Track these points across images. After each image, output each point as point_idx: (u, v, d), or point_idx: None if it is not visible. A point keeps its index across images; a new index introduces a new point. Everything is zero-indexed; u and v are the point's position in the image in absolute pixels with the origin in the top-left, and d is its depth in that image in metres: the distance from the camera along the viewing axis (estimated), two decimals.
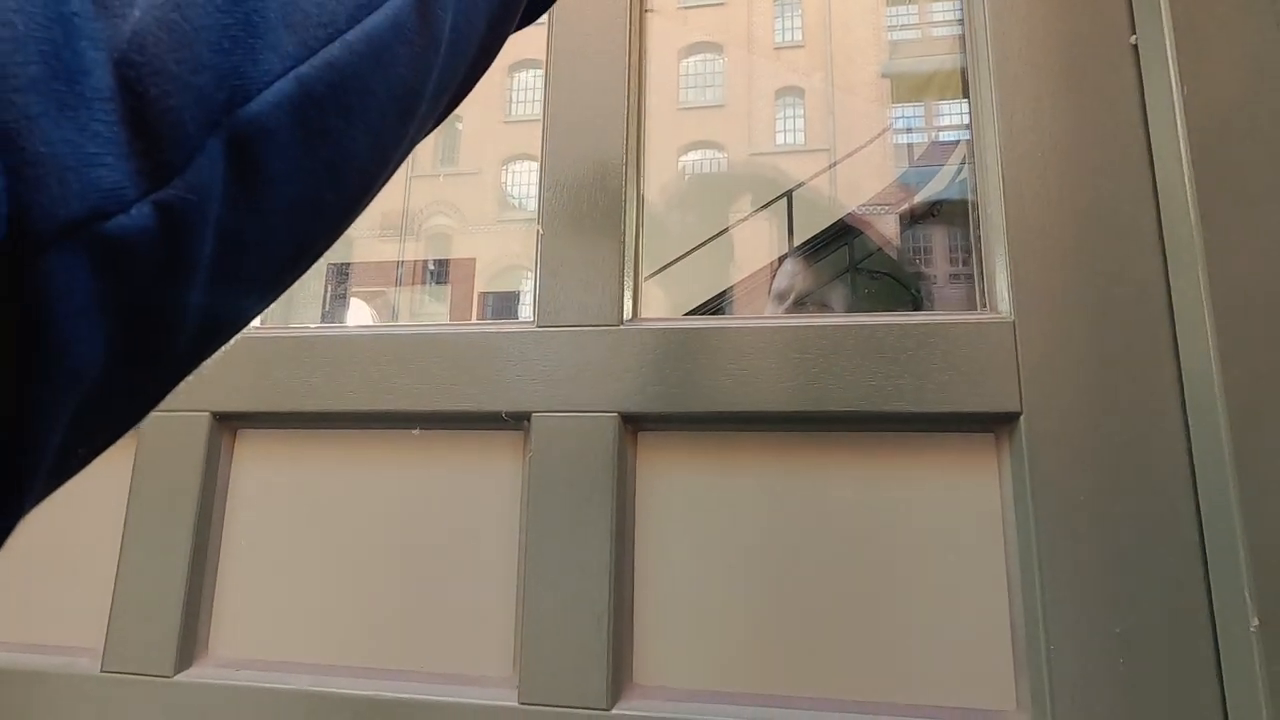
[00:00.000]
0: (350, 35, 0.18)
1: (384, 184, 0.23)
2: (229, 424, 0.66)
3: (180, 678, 0.61)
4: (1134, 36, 0.57)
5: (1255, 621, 0.46)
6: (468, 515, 0.62)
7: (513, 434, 0.62)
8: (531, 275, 0.63)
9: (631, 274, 0.63)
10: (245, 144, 0.16)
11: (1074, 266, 0.55)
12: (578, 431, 0.59)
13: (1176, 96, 0.52)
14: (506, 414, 0.60)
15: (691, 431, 0.60)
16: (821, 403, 0.56)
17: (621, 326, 0.60)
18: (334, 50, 0.18)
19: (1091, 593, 0.50)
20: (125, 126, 0.14)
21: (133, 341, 0.16)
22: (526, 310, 0.87)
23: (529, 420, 0.60)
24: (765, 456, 0.59)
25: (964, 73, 0.63)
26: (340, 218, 0.21)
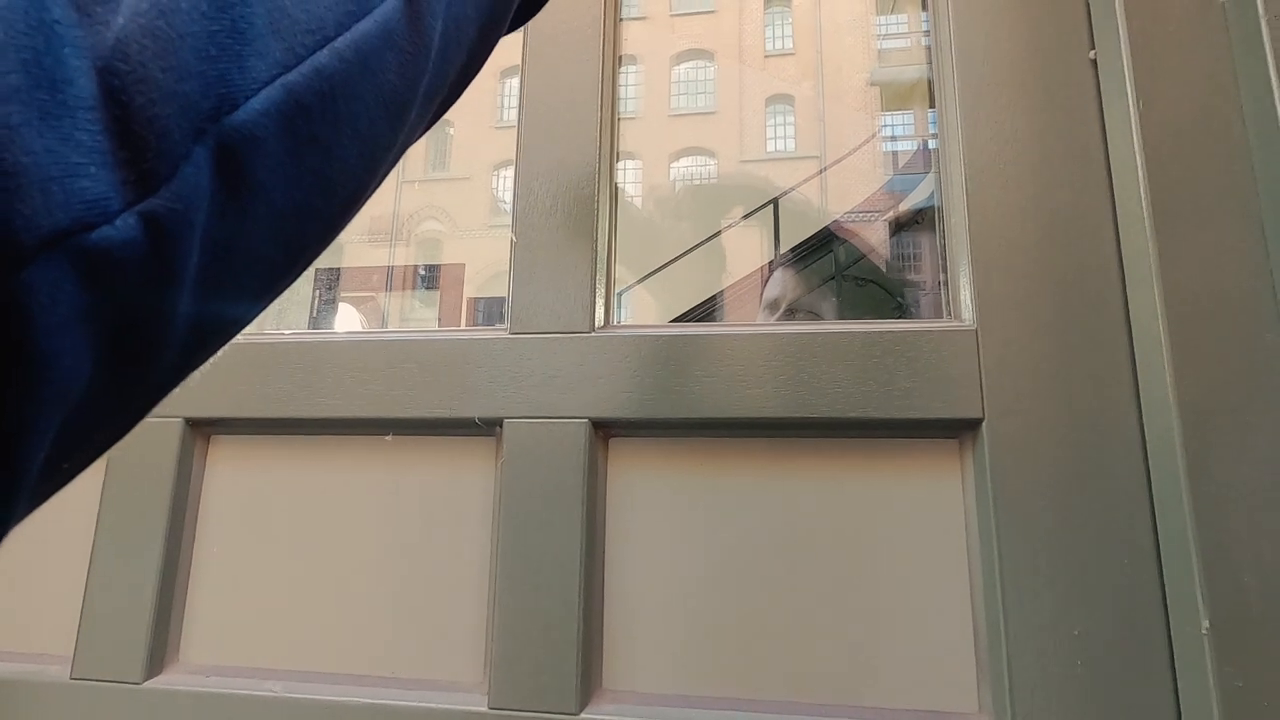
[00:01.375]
0: (339, 42, 0.18)
1: (374, 190, 0.23)
2: (202, 429, 0.66)
3: (150, 684, 0.61)
4: (1093, 52, 0.58)
5: (1206, 624, 0.47)
6: (440, 521, 0.62)
7: (485, 440, 0.62)
8: None
9: (603, 281, 0.63)
10: (233, 152, 0.16)
11: (1035, 276, 0.56)
12: (549, 437, 0.59)
13: (1133, 111, 0.54)
14: (479, 420, 0.60)
15: (662, 438, 0.60)
16: (790, 409, 0.57)
17: (593, 334, 0.61)
18: (322, 57, 0.18)
19: (1051, 596, 0.51)
20: (110, 135, 0.14)
21: (120, 354, 0.15)
22: None
23: (501, 426, 0.60)
24: (735, 462, 0.59)
25: (929, 85, 0.64)
26: (330, 225, 0.21)
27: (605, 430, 0.60)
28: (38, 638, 0.65)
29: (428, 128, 0.25)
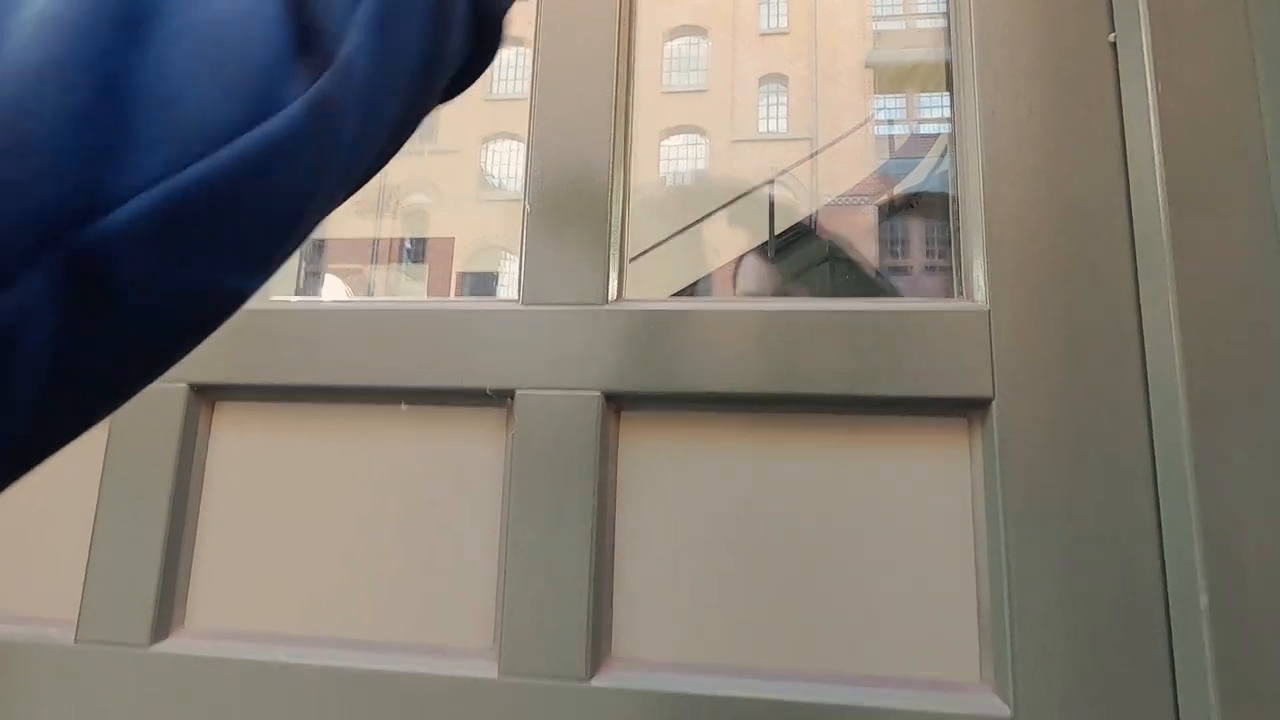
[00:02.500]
0: (228, 150, 0.17)
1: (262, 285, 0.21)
2: (206, 395, 0.66)
3: (157, 648, 0.61)
4: (1113, 35, 0.58)
5: (1205, 600, 0.48)
6: (450, 490, 0.62)
7: (496, 411, 0.62)
8: (510, 256, 0.63)
9: (617, 255, 0.63)
10: (90, 261, 0.15)
11: (1048, 259, 0.56)
12: (561, 409, 0.59)
13: (1151, 95, 0.54)
14: (491, 390, 0.60)
15: (674, 411, 0.60)
16: (802, 385, 0.58)
17: (606, 306, 0.61)
18: (206, 165, 0.17)
19: (1054, 571, 0.53)
20: None
21: None
22: (504, 291, 0.87)
23: (513, 397, 0.60)
24: (746, 437, 0.60)
25: (948, 66, 0.64)
26: (204, 330, 0.20)
27: (617, 403, 0.61)
28: (40, 601, 0.64)
29: (346, 198, 0.24)
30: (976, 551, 0.56)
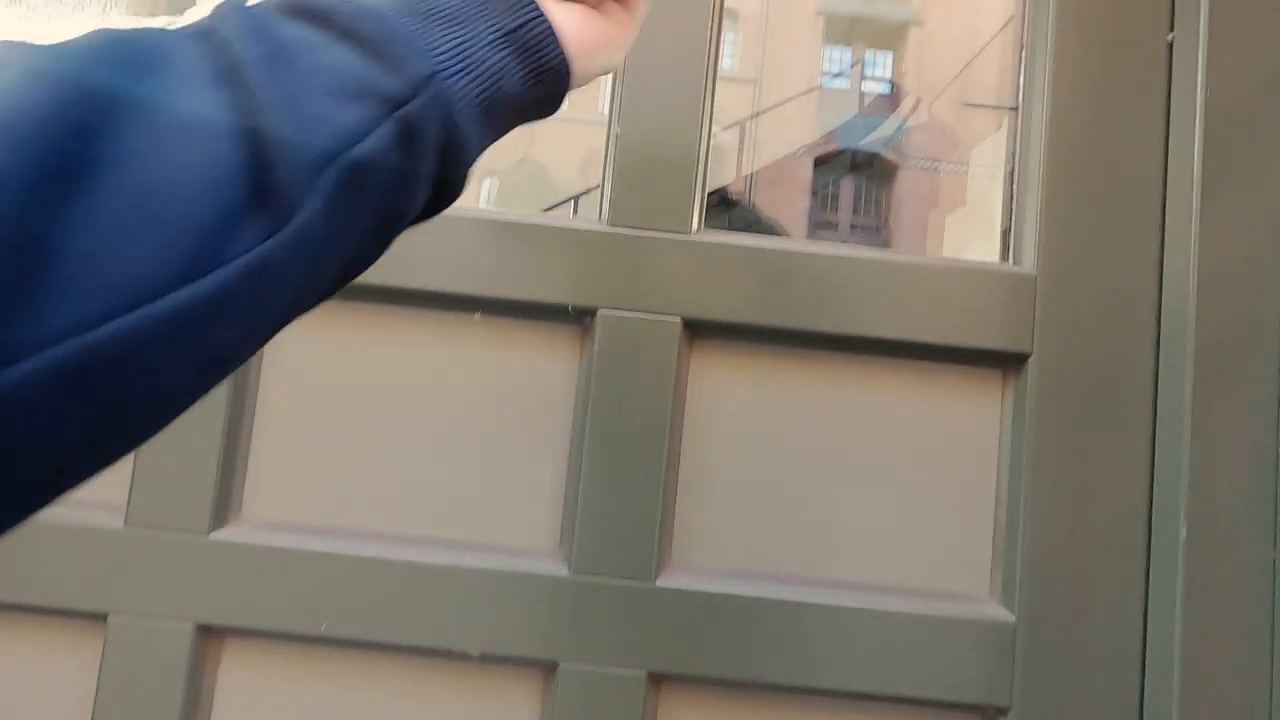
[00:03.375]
0: (156, 306, 0.17)
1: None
2: None
3: (215, 536, 0.61)
4: (1171, 35, 0.64)
5: (1184, 532, 0.58)
6: (524, 401, 0.64)
7: (573, 328, 0.64)
8: (488, 178, 0.63)
9: (701, 185, 0.65)
10: None
11: (1092, 232, 0.63)
12: (641, 331, 0.62)
13: (1200, 91, 0.61)
14: (573, 308, 0.62)
15: (744, 342, 0.64)
16: (859, 328, 0.63)
17: (690, 235, 0.63)
18: (130, 320, 0.16)
19: (1062, 505, 0.61)
20: None
21: None
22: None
23: (594, 316, 0.62)
24: (806, 371, 0.65)
25: (1021, 37, 0.69)
26: (104, 465, 0.20)
27: (693, 331, 0.64)
28: None
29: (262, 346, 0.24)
30: (998, 486, 0.64)
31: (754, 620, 0.60)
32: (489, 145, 0.28)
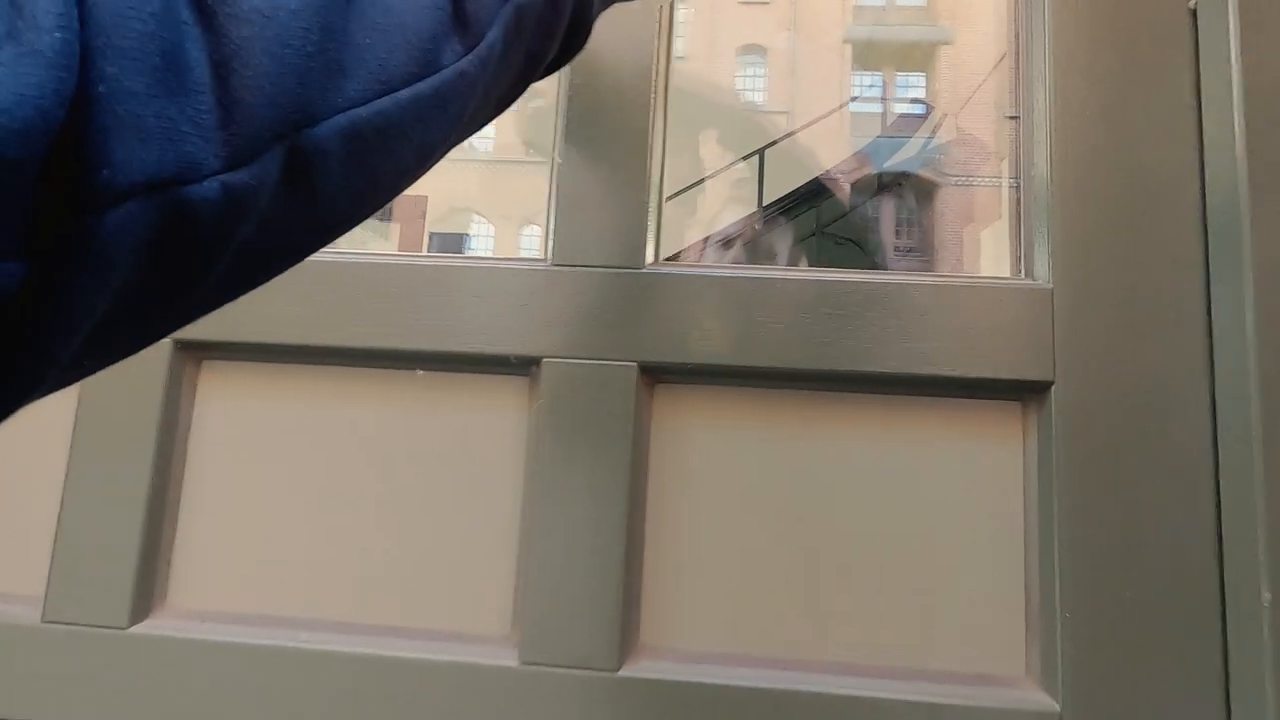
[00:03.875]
0: (400, 94, 0.22)
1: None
2: (193, 353, 0.59)
3: (136, 630, 0.55)
4: (1193, 1, 0.55)
5: (1268, 596, 0.46)
6: (465, 464, 0.57)
7: (518, 379, 0.58)
8: (479, 219, 0.57)
9: (655, 214, 0.58)
10: (300, 157, 0.20)
11: (1115, 237, 0.53)
12: (593, 380, 0.55)
13: (1235, 65, 0.51)
14: (514, 357, 0.55)
15: (713, 385, 0.56)
16: (849, 362, 0.54)
17: (644, 270, 0.56)
18: (384, 103, 0.21)
19: (1107, 564, 0.50)
20: (216, 117, 0.17)
21: (162, 284, 0.18)
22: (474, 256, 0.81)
23: (538, 365, 0.56)
24: (788, 414, 0.56)
25: (1016, 39, 0.60)
26: (351, 225, 0.24)
27: (653, 375, 0.56)
28: (1, 576, 0.58)
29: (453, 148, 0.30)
30: (1027, 542, 0.54)
31: (739, 714, 0.51)
32: (608, 6, 0.35)
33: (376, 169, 0.22)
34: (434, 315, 0.56)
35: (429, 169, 0.27)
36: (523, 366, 0.56)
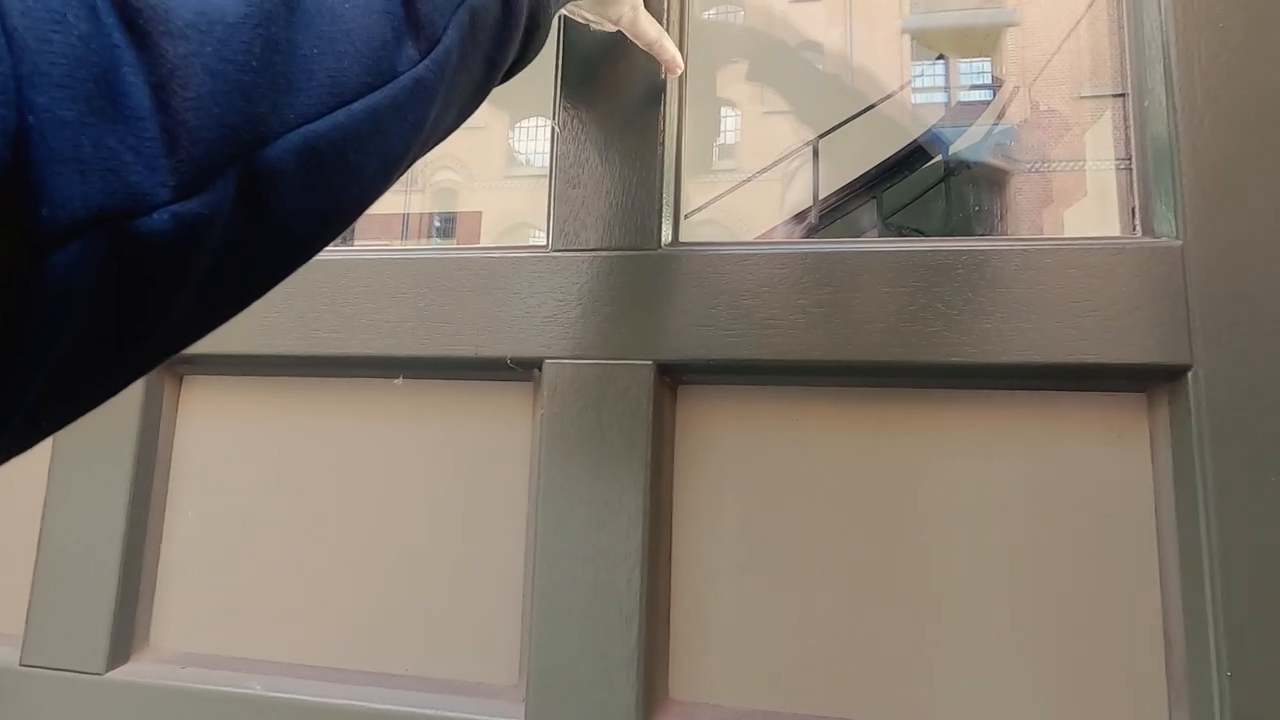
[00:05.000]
0: (355, 106, 0.21)
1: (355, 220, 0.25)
2: (172, 368, 0.54)
3: (114, 675, 0.50)
4: None
5: None
6: (462, 488, 0.50)
7: (520, 385, 0.50)
8: (539, 232, 0.49)
9: (672, 186, 0.49)
10: (255, 179, 0.19)
11: (1264, 177, 0.41)
12: (603, 383, 0.46)
13: None
14: (511, 360, 0.48)
15: (747, 385, 0.47)
16: (917, 351, 0.43)
17: (659, 251, 0.47)
18: (340, 116, 0.20)
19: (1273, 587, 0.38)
20: (160, 144, 0.16)
21: (121, 324, 0.17)
22: None
23: (540, 369, 0.47)
24: (840, 418, 0.46)
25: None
26: (317, 246, 0.23)
27: (673, 375, 0.47)
28: None
29: (419, 158, 0.28)
30: (1163, 572, 0.42)
31: None
32: (563, 6, 0.34)
33: (337, 186, 0.22)
34: (419, 315, 0.49)
35: (393, 183, 0.25)
36: (523, 370, 0.48)
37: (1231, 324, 0.40)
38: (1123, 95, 0.47)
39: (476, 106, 0.30)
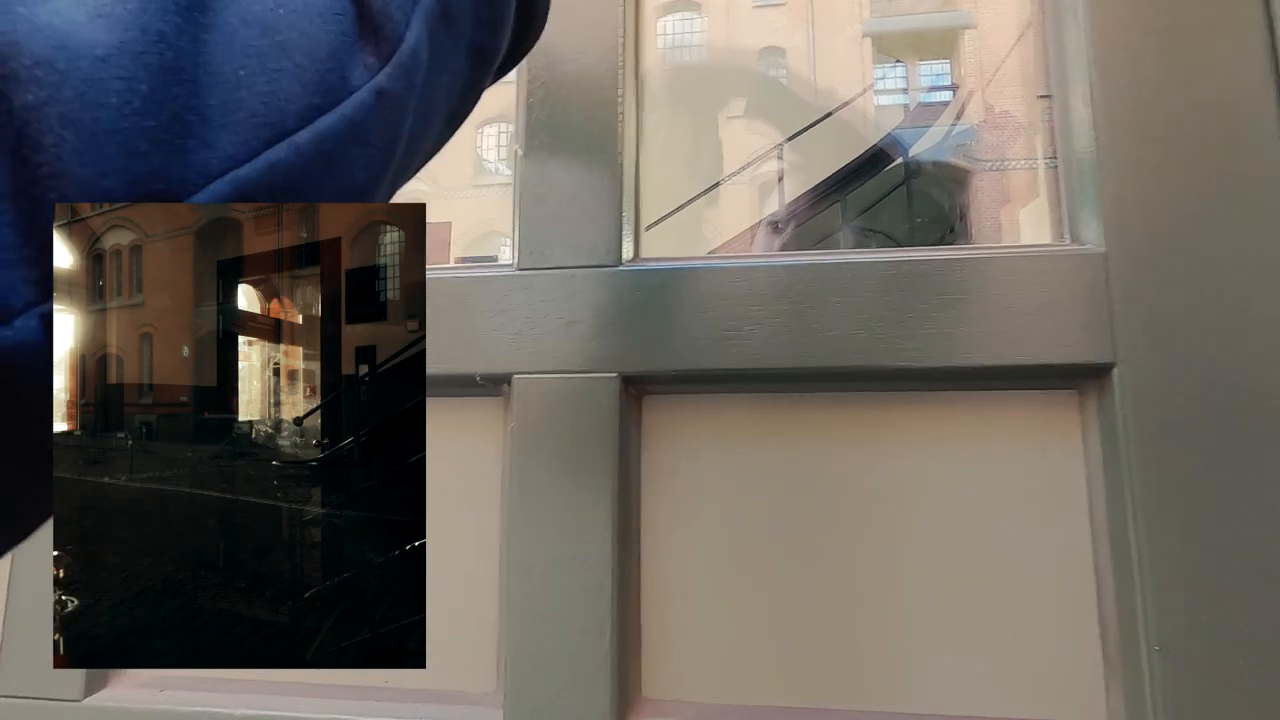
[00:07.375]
0: (299, 136, 0.17)
1: None
2: None
3: (92, 700, 0.50)
4: None
5: None
6: (436, 499, 0.51)
7: (490, 401, 0.51)
8: (510, 242, 0.51)
9: (632, 204, 0.51)
10: None
11: (1177, 187, 0.45)
12: (570, 396, 0.48)
13: None
14: (481, 377, 0.49)
15: (709, 394, 0.49)
16: (870, 356, 0.46)
17: (621, 268, 0.49)
18: (278, 151, 0.16)
19: (1207, 584, 0.41)
20: (15, 232, 0.12)
21: None
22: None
23: (509, 384, 0.49)
24: (799, 423, 0.49)
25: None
26: None
27: (639, 386, 0.49)
28: None
29: (407, 180, 0.24)
30: (1098, 563, 0.45)
31: None
32: None
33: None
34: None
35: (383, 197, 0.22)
36: (492, 386, 0.50)
37: (1149, 325, 0.43)
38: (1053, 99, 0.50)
39: (471, 107, 0.26)
